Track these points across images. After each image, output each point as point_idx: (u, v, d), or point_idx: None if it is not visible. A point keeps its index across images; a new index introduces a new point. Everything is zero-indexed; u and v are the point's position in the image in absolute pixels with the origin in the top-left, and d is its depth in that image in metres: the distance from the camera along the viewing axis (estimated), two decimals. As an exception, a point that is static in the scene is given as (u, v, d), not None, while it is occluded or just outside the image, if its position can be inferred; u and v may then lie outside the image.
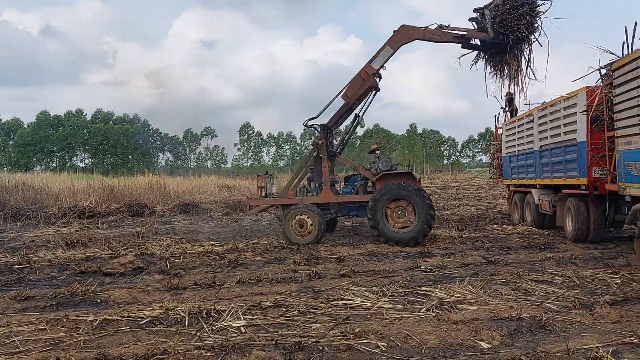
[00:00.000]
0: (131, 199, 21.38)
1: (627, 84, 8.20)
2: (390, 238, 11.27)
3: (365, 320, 5.86)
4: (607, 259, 9.33)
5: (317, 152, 12.42)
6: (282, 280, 7.96)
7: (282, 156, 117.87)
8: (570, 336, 5.21)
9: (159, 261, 9.75)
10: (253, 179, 46.25)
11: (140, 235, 13.34)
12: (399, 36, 12.13)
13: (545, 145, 12.89)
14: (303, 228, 11.69)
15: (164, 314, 6.09)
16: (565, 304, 6.31)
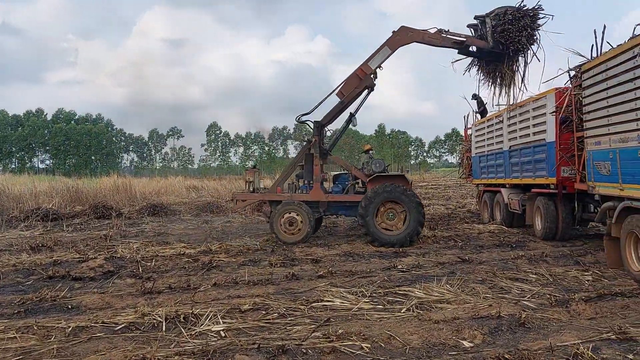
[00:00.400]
0: (96, 201, 20.76)
1: (597, 86, 8.40)
2: (380, 240, 11.20)
3: (347, 322, 5.82)
4: (577, 256, 9.56)
5: (309, 149, 12.30)
6: (259, 283, 7.84)
7: (250, 157, 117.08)
8: (550, 333, 5.29)
9: (130, 264, 9.48)
10: (221, 179, 45.86)
11: (108, 238, 12.95)
12: (398, 37, 12.05)
13: (515, 146, 13.14)
14: (293, 226, 11.56)
15: (139, 319, 5.90)
16: (542, 302, 6.41)
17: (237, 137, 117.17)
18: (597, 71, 8.37)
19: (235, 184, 34.24)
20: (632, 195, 7.45)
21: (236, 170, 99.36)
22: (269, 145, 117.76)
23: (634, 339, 4.94)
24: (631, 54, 7.15)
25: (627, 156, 7.50)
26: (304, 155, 12.56)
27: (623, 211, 7.69)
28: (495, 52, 12.03)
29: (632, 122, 7.28)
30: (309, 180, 12.34)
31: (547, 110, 11.08)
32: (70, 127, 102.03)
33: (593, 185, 8.90)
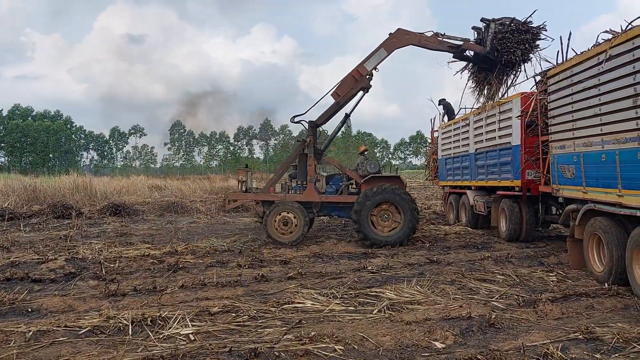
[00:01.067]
0: (55, 200, 20.08)
1: (562, 91, 8.61)
2: (374, 240, 11.20)
3: (319, 324, 5.76)
4: (540, 257, 9.77)
5: (302, 149, 12.19)
6: (227, 284, 7.70)
7: (215, 156, 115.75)
8: (519, 333, 5.36)
9: (93, 266, 9.17)
10: (185, 179, 45.10)
11: (69, 238, 12.53)
12: (395, 39, 12.00)
13: (481, 149, 13.37)
14: (287, 226, 11.41)
15: (104, 322, 5.69)
16: (510, 302, 6.51)
17: (201, 137, 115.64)
18: (563, 77, 8.58)
19: (200, 184, 33.76)
20: (595, 198, 7.65)
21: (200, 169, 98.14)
22: (233, 145, 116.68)
23: (600, 339, 5.05)
24: (596, 60, 7.34)
25: (591, 160, 7.70)
26: (297, 156, 12.47)
27: (586, 214, 7.89)
28: (489, 58, 11.95)
29: (596, 127, 7.48)
30: (302, 180, 12.27)
31: (513, 114, 11.30)
32: (27, 124, 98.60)
33: (557, 188, 9.12)
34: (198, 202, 22.63)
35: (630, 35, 6.50)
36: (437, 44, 12.07)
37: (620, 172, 6.88)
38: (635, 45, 6.37)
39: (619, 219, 7.16)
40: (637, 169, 6.49)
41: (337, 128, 12.92)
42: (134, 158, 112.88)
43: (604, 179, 7.37)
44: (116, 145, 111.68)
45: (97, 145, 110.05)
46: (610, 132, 7.08)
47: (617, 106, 6.84)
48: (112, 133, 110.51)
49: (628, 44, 6.53)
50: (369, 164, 12.36)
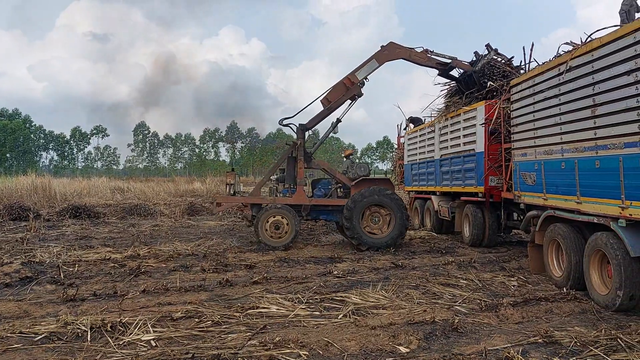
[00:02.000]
0: (11, 201, 19.40)
1: (524, 100, 8.83)
2: (366, 243, 11.28)
3: (284, 329, 5.71)
4: (502, 262, 9.97)
5: (291, 152, 12.09)
6: (191, 289, 7.56)
7: (180, 158, 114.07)
8: (481, 337, 5.44)
9: (50, 270, 8.87)
10: (148, 181, 44.30)
11: (25, 241, 12.09)
12: (386, 52, 12.27)
13: (446, 155, 13.58)
14: (279, 230, 11.29)
15: (62, 328, 5.49)
16: (473, 306, 6.60)
17: (166, 138, 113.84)
18: (525, 86, 8.80)
19: (164, 186, 33.20)
20: (554, 204, 7.86)
21: (164, 171, 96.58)
22: (199, 147, 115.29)
23: (558, 342, 5.17)
24: (557, 71, 7.56)
25: (551, 167, 7.91)
26: (285, 159, 12.38)
27: (546, 220, 8.10)
28: (472, 79, 12.21)
29: (556, 136, 7.69)
30: (290, 183, 12.19)
31: (477, 121, 11.53)
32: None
33: (519, 194, 9.33)
34: (162, 205, 22.23)
35: (589, 48, 6.72)
36: (426, 60, 12.38)
37: (578, 179, 7.09)
38: (594, 57, 6.58)
39: (577, 225, 7.38)
40: (594, 177, 6.70)
41: (327, 132, 12.90)
42: (95, 159, 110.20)
43: (563, 187, 7.58)
44: (77, 145, 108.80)
45: (57, 145, 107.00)
46: (569, 141, 7.29)
47: (576, 116, 7.05)
48: (73, 133, 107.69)
49: (587, 56, 6.74)
50: (358, 166, 12.42)
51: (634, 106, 5.77)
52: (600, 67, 6.44)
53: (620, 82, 6.02)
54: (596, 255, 6.76)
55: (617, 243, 6.23)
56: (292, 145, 12.25)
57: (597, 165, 6.61)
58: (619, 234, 6.12)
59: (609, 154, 6.34)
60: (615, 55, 6.12)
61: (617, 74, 6.07)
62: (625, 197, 6.04)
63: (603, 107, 6.41)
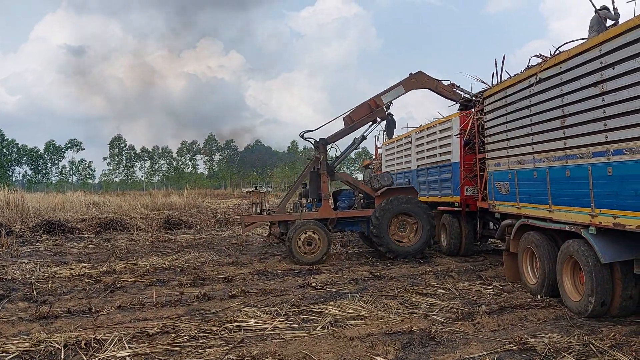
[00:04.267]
0: (-17, 218, 18.99)
1: (497, 111, 9.02)
2: (395, 251, 11.41)
3: (262, 342, 5.68)
4: (479, 271, 10.08)
5: (314, 167, 12.09)
6: (167, 304, 7.48)
7: (157, 171, 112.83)
8: (458, 346, 5.49)
9: (23, 287, 8.69)
10: (125, 195, 43.74)
11: (-3, 258, 11.84)
12: (414, 80, 12.39)
13: (422, 165, 13.74)
14: (312, 245, 11.19)
15: (34, 346, 5.39)
16: (450, 315, 6.66)
17: (142, 151, 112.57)
18: (497, 97, 8.99)
19: (141, 200, 32.85)
20: (528, 213, 8.01)
21: (141, 185, 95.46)
22: (177, 160, 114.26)
23: (532, 349, 5.24)
24: (527, 83, 7.74)
25: (524, 177, 8.07)
26: (308, 174, 12.37)
27: (520, 228, 8.25)
28: None
29: (528, 146, 7.86)
30: (314, 198, 12.16)
31: (453, 132, 11.71)
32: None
33: (494, 204, 9.48)
34: (138, 219, 21.97)
35: (557, 60, 6.91)
36: (452, 94, 12.42)
37: (550, 188, 7.25)
38: (562, 70, 6.77)
39: (550, 233, 7.52)
40: (565, 186, 6.86)
41: (350, 147, 12.91)
42: (70, 173, 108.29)
43: (536, 195, 7.73)
44: (51, 159, 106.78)
45: (31, 159, 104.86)
46: (540, 151, 7.46)
47: (547, 126, 7.22)
48: (47, 147, 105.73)
49: (556, 68, 6.93)
50: (382, 177, 12.47)
51: (600, 117, 5.95)
52: (568, 78, 6.63)
53: (587, 94, 6.21)
54: (569, 263, 6.90)
55: (588, 250, 6.37)
56: (315, 159, 12.25)
57: (567, 175, 6.78)
58: (590, 241, 6.27)
59: (578, 163, 6.50)
60: (582, 67, 6.31)
61: (584, 86, 6.26)
62: (594, 205, 6.20)
63: (572, 118, 6.59)
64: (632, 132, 5.43)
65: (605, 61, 5.83)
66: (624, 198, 5.66)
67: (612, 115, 5.74)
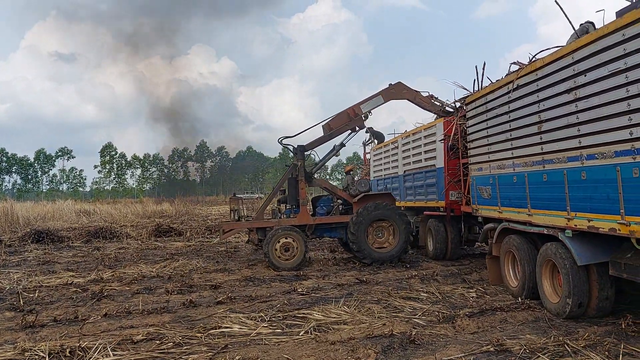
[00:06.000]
0: (-29, 228, 18.93)
1: (478, 117, 9.17)
2: (372, 257, 11.50)
3: (245, 348, 5.77)
4: (464, 274, 10.21)
5: (292, 173, 12.16)
6: (154, 311, 7.54)
7: (149, 179, 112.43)
8: (437, 348, 5.60)
9: (10, 297, 8.72)
10: (116, 203, 43.60)
11: (-16, 268, 11.83)
12: (393, 91, 12.55)
13: (409, 170, 13.88)
14: (289, 252, 11.25)
15: (19, 355, 5.44)
16: (431, 319, 6.77)
17: (134, 159, 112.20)
18: (479, 103, 9.15)
19: (132, 208, 32.79)
20: (509, 217, 8.16)
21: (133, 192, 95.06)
22: (168, 168, 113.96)
23: (509, 350, 5.36)
24: (506, 89, 7.90)
25: (504, 181, 8.22)
26: (286, 180, 12.43)
27: (502, 232, 8.39)
28: None
29: (507, 151, 8.01)
30: (292, 204, 12.22)
31: (437, 137, 11.86)
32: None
33: (476, 208, 9.62)
34: (128, 227, 21.95)
35: (534, 67, 7.07)
36: (430, 106, 12.60)
37: (529, 192, 7.40)
38: (539, 76, 6.93)
39: (530, 236, 7.66)
40: (542, 190, 7.01)
41: (329, 155, 12.99)
42: (61, 182, 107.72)
43: (516, 199, 7.88)
44: (42, 168, 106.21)
45: (21, 168, 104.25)
46: (519, 156, 7.61)
47: (525, 132, 7.38)
48: (37, 155, 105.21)
49: (532, 75, 7.09)
50: (359, 183, 12.56)
51: (574, 122, 6.10)
52: (544, 85, 6.79)
53: (561, 100, 6.36)
54: (547, 265, 7.04)
55: (565, 253, 6.52)
56: (293, 166, 12.36)
57: (544, 179, 6.93)
58: (566, 244, 6.41)
59: (554, 167, 6.66)
60: (556, 74, 6.47)
61: (559, 92, 6.41)
62: (570, 208, 6.34)
63: (548, 124, 6.74)
64: (604, 138, 5.58)
65: (577, 68, 5.99)
66: (597, 201, 5.81)
67: (585, 121, 5.90)
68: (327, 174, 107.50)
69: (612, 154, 5.44)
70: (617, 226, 5.45)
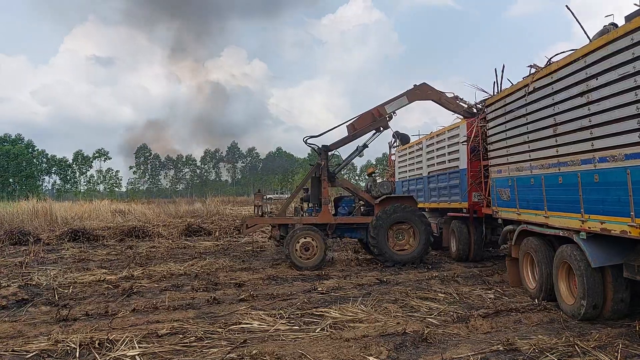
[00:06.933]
0: (12, 226, 19.85)
1: (497, 119, 9.23)
2: (393, 260, 11.68)
3: (262, 343, 6.02)
4: (485, 276, 10.26)
5: (315, 173, 12.48)
6: (179, 307, 7.89)
7: (182, 180, 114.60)
8: (448, 347, 5.74)
9: (46, 292, 9.22)
10: (150, 203, 44.65)
11: (24, 265, 12.46)
12: (418, 92, 12.66)
13: (433, 172, 13.96)
14: (309, 251, 11.51)
15: (52, 346, 5.83)
16: (445, 318, 6.91)
17: (167, 160, 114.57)
18: (498, 106, 9.20)
19: (165, 208, 33.57)
20: (527, 219, 8.20)
21: (166, 193, 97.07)
22: (200, 168, 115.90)
23: (518, 350, 5.47)
24: (524, 92, 7.96)
25: (522, 183, 8.27)
26: (309, 179, 12.76)
27: (520, 234, 8.44)
28: None
29: (525, 153, 8.06)
30: (315, 203, 12.52)
31: (460, 139, 11.92)
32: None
33: (496, 210, 9.67)
34: (161, 227, 22.57)
35: (549, 70, 7.12)
36: (455, 107, 12.59)
37: (545, 195, 7.45)
38: (554, 79, 6.98)
39: (547, 238, 7.71)
40: (558, 192, 7.06)
41: (352, 155, 13.22)
42: (98, 182, 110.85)
43: (533, 202, 7.93)
44: (79, 169, 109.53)
45: (60, 169, 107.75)
46: (536, 158, 7.66)
47: (541, 134, 7.43)
48: (76, 157, 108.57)
49: (548, 78, 7.15)
50: (381, 185, 12.78)
51: (587, 125, 6.15)
52: (559, 88, 6.84)
53: (575, 103, 6.42)
54: (563, 267, 7.08)
55: (579, 255, 6.56)
56: (316, 165, 12.63)
57: (560, 181, 6.98)
58: (581, 246, 6.46)
59: (569, 170, 6.70)
60: (570, 77, 6.53)
61: (573, 95, 6.47)
62: (584, 211, 6.39)
63: (563, 126, 6.80)
64: (615, 141, 5.63)
65: (589, 72, 6.05)
66: (609, 204, 5.85)
67: (597, 124, 5.95)
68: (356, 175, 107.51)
69: (623, 156, 5.49)
70: (628, 228, 5.50)
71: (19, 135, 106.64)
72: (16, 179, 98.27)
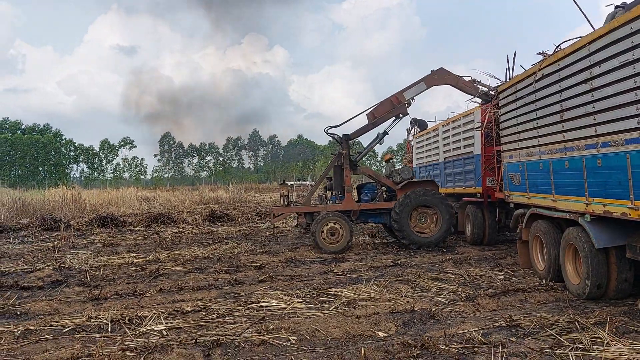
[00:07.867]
0: (44, 213, 20.69)
1: (509, 105, 9.41)
2: (411, 239, 12.05)
3: (279, 319, 6.44)
4: (498, 259, 10.51)
5: (337, 161, 12.89)
6: (203, 288, 8.37)
7: (205, 167, 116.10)
8: (454, 324, 6.07)
9: (78, 274, 9.81)
10: (174, 190, 45.63)
11: (57, 249, 13.14)
12: (435, 77, 12.85)
13: (449, 157, 14.16)
14: (335, 236, 11.91)
15: (86, 322, 6.35)
16: (454, 298, 7.23)
17: (190, 148, 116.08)
18: (509, 92, 9.38)
19: (189, 195, 34.35)
20: (536, 203, 8.42)
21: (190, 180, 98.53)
22: (223, 156, 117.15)
23: (520, 326, 5.77)
24: (533, 79, 8.13)
25: (532, 168, 8.48)
26: (332, 168, 13.18)
27: (530, 217, 8.67)
28: None
29: (534, 139, 8.26)
30: (338, 191, 12.95)
31: (474, 125, 12.10)
32: (16, 137, 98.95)
33: (508, 194, 9.89)
34: (185, 213, 23.24)
35: (556, 58, 7.29)
36: (473, 90, 12.68)
37: (553, 179, 7.66)
38: (560, 67, 7.16)
39: (555, 221, 7.93)
40: (564, 176, 7.27)
41: (373, 143, 13.53)
42: (124, 170, 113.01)
43: (542, 186, 8.14)
44: (106, 157, 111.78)
45: (87, 157, 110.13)
46: (544, 144, 7.86)
47: (549, 120, 7.62)
48: (102, 145, 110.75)
49: (555, 65, 7.32)
50: (402, 170, 13.10)
51: (591, 111, 6.35)
52: (565, 75, 7.02)
53: (580, 90, 6.60)
54: (570, 248, 7.31)
55: (584, 236, 6.79)
56: (338, 154, 12.98)
57: (566, 166, 7.18)
58: (586, 228, 6.69)
59: (574, 155, 6.91)
60: (575, 65, 6.70)
61: (578, 82, 6.65)
62: (588, 194, 6.61)
63: (569, 112, 6.98)
64: (616, 126, 5.83)
65: (593, 59, 6.22)
66: (610, 187, 6.07)
67: (600, 110, 6.14)
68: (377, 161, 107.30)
69: (623, 142, 5.69)
70: (628, 210, 5.72)
71: (47, 125, 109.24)
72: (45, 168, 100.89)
